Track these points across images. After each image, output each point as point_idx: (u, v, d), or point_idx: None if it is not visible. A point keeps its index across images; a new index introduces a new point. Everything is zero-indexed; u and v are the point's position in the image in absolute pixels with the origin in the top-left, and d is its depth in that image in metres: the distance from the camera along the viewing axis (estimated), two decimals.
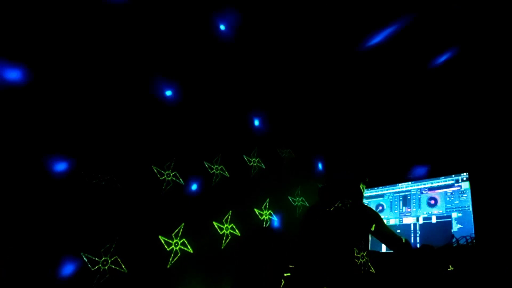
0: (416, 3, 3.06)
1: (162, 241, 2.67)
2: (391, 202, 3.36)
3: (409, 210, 3.19)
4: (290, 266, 2.37)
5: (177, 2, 3.02)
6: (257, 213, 3.31)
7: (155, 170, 2.77)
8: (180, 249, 2.74)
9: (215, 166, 3.14)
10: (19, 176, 2.13)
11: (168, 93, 2.96)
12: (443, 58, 3.31)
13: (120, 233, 2.46)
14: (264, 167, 3.49)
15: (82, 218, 2.32)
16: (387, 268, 2.44)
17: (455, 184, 2.99)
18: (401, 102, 3.82)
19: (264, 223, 3.32)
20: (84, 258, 2.30)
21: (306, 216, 2.59)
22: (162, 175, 2.81)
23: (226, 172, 3.21)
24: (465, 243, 2.43)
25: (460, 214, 2.85)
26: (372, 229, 2.34)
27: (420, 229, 3.05)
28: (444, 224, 2.90)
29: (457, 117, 3.39)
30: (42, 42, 2.31)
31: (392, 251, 2.48)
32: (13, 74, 2.20)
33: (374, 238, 2.45)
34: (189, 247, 2.79)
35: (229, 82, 3.37)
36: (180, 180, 2.88)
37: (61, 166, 2.32)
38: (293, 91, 3.94)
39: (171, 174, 2.86)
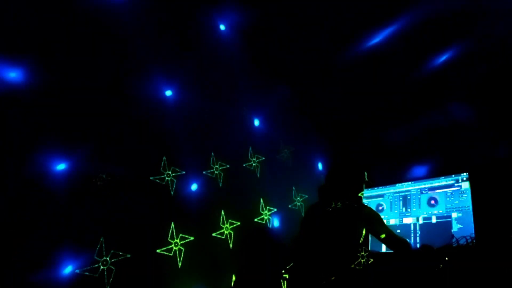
0: None
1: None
2: (391, 202, 3.36)
3: (409, 210, 3.19)
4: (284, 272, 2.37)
5: None
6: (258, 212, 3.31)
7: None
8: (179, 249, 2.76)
9: (215, 167, 3.14)
10: None
11: (168, 93, 2.96)
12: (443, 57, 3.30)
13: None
14: (263, 166, 3.49)
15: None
16: (387, 268, 2.44)
17: (455, 184, 2.98)
18: (401, 102, 3.81)
19: (265, 222, 3.32)
20: None
21: (306, 215, 2.59)
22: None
23: (223, 172, 3.21)
24: (465, 243, 2.43)
25: (460, 214, 2.85)
26: (371, 229, 2.34)
27: (420, 229, 3.04)
28: (444, 224, 2.89)
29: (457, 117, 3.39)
30: None
31: (392, 251, 2.48)
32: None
33: (374, 238, 2.45)
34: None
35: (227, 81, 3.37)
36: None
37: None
38: (293, 89, 3.94)
39: (171, 175, 2.87)
